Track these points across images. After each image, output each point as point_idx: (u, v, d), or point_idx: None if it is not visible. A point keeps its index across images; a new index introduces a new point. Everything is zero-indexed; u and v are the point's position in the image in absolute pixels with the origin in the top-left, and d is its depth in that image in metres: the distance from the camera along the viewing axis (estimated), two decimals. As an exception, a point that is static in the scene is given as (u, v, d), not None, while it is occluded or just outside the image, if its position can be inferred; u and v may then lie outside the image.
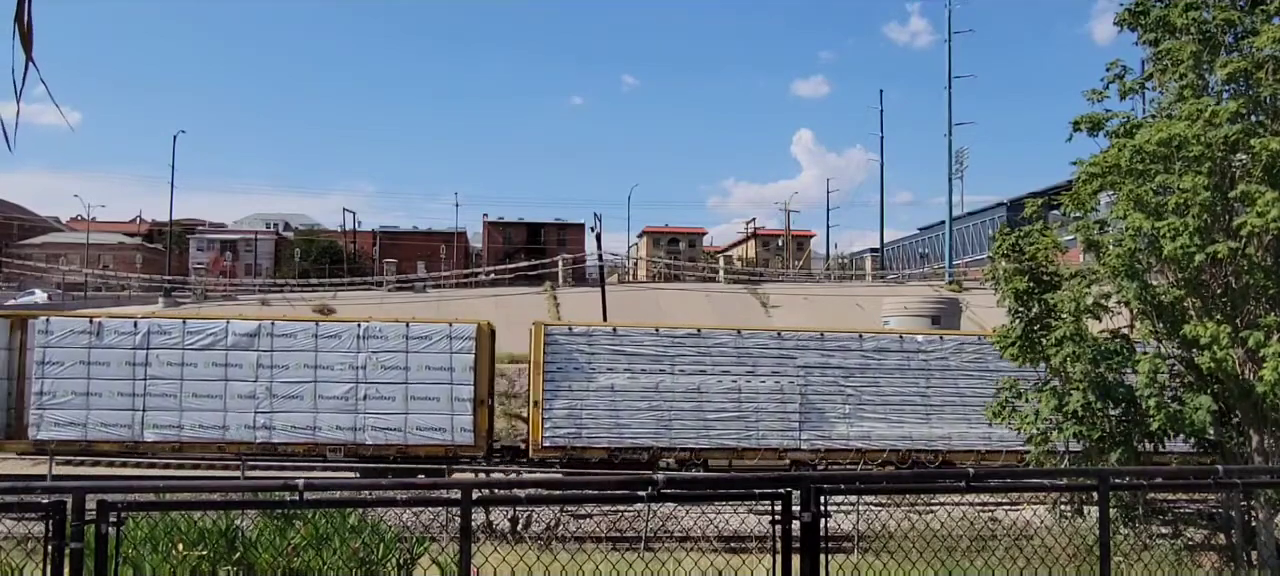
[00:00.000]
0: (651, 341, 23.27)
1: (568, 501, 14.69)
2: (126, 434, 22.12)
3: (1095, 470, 10.48)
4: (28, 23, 3.20)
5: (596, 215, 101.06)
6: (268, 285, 65.68)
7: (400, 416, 22.39)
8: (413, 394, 22.45)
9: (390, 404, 22.44)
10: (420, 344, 22.50)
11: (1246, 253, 12.10)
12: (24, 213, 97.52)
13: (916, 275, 69.35)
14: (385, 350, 22.51)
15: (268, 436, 22.25)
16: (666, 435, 22.87)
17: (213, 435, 22.21)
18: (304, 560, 9.25)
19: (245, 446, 22.15)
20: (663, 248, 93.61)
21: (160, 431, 22.09)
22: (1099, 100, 13.94)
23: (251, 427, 22.19)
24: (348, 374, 22.47)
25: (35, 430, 22.08)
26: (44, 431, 22.02)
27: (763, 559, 6.26)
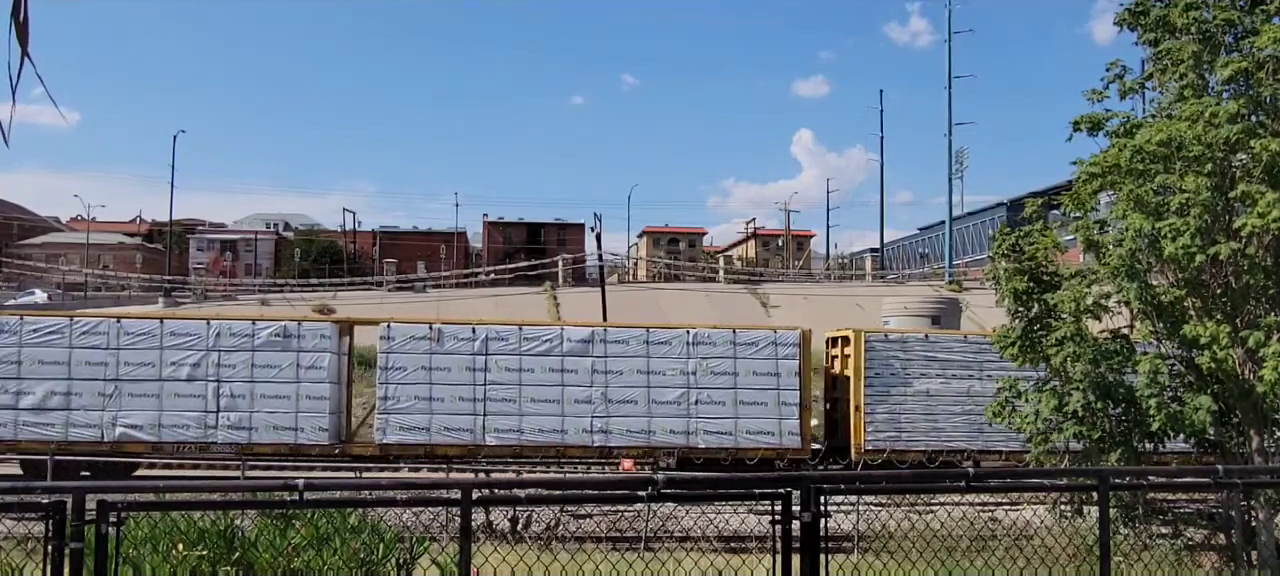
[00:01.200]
0: (960, 348, 24.09)
1: (568, 501, 14.69)
2: (469, 438, 22.56)
3: (1095, 470, 10.48)
4: (24, 18, 3.20)
5: (596, 215, 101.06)
6: (268, 285, 65.70)
7: (730, 420, 22.84)
8: (741, 399, 22.90)
9: (720, 408, 22.90)
10: (747, 350, 22.94)
11: (1247, 253, 12.11)
12: (24, 213, 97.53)
13: (916, 275, 69.37)
14: (714, 356, 22.99)
15: (604, 439, 22.65)
16: (980, 438, 23.48)
17: (551, 438, 22.62)
18: (304, 560, 9.24)
19: (581, 450, 22.59)
20: (663, 248, 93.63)
21: (500, 435, 22.51)
22: (1099, 100, 13.95)
23: (588, 432, 22.60)
24: (679, 379, 22.88)
25: (381, 434, 22.55)
26: (390, 435, 22.44)
27: (763, 559, 6.26)
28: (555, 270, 60.69)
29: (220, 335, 22.47)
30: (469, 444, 22.47)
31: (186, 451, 22.35)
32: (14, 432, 21.83)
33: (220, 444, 22.19)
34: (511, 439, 22.48)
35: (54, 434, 21.85)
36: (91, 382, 22.02)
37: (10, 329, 22.11)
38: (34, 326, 22.26)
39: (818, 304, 49.33)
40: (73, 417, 21.94)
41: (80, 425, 21.95)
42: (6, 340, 22.01)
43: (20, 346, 21.97)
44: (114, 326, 22.42)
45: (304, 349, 22.53)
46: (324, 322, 24.11)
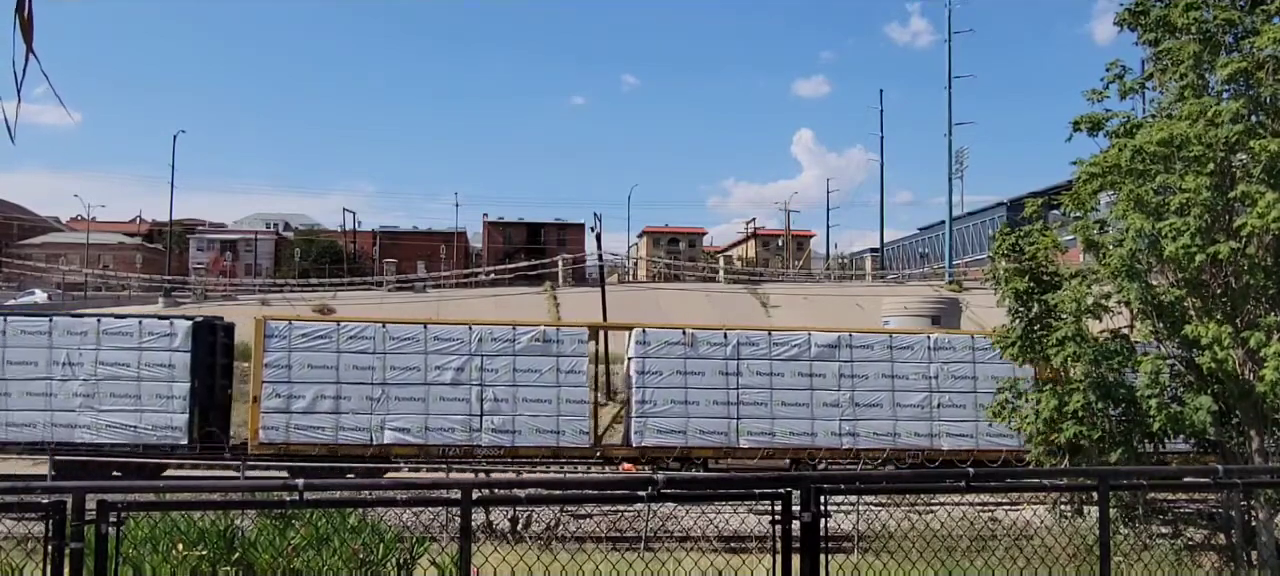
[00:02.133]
0: None
1: (568, 501, 14.69)
2: (722, 440, 22.77)
3: (1095, 470, 10.49)
4: (28, 15, 3.20)
5: (596, 215, 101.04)
6: (268, 285, 65.73)
7: (971, 423, 23.02)
8: (980, 403, 22.82)
9: (961, 411, 23.13)
10: (985, 354, 22.88)
11: (1247, 253, 12.11)
12: (24, 213, 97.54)
13: (916, 275, 69.39)
14: (954, 361, 23.27)
15: (852, 442, 22.88)
16: None
17: (802, 441, 22.86)
18: (304, 560, 9.25)
19: (829, 452, 22.83)
20: (663, 248, 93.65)
21: (753, 438, 22.76)
22: (1099, 100, 13.96)
23: (836, 435, 22.86)
24: (921, 383, 23.15)
25: (639, 437, 22.74)
26: (648, 438, 22.62)
27: (763, 559, 6.26)
28: (555, 270, 60.70)
29: (482, 340, 22.70)
30: (722, 446, 22.87)
31: (452, 454, 22.56)
32: (285, 435, 22.17)
33: (485, 447, 22.42)
34: (764, 442, 22.85)
35: (324, 437, 22.21)
36: (359, 387, 22.34)
37: (280, 333, 22.43)
38: (303, 331, 22.61)
39: (818, 304, 49.35)
40: (342, 421, 22.30)
41: (349, 428, 22.27)
42: (276, 344, 22.33)
43: (289, 350, 22.32)
44: (380, 331, 22.71)
45: (563, 353, 22.87)
46: (580, 327, 24.60)
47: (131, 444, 22.05)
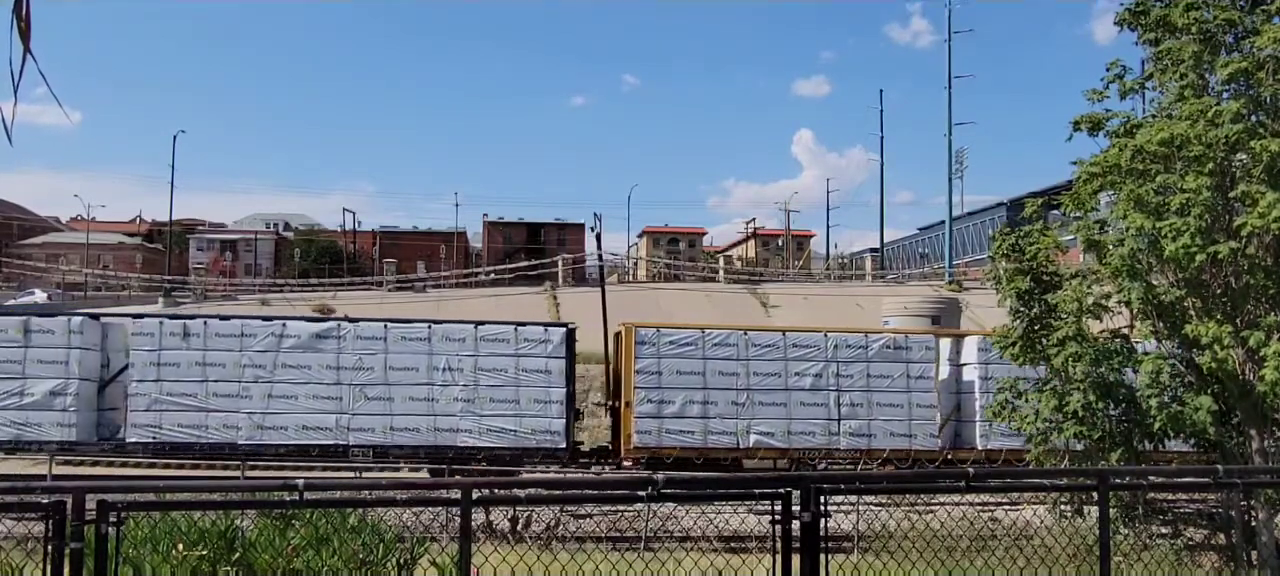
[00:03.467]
0: None
1: (567, 501, 14.69)
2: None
3: (1095, 470, 10.49)
4: (26, 15, 3.20)
5: (596, 215, 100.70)
6: (268, 285, 65.71)
7: None
8: None
9: None
10: None
11: (1247, 253, 12.11)
12: (24, 213, 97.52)
13: (916, 275, 69.36)
14: None
15: None
16: None
17: None
18: (304, 560, 9.24)
19: None
20: (663, 248, 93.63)
21: None
22: (1099, 100, 13.95)
23: None
24: None
25: (984, 441, 23.23)
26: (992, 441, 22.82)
27: (763, 559, 6.26)
28: (555, 270, 60.70)
29: (837, 347, 23.50)
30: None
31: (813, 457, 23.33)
32: (658, 439, 22.86)
33: (843, 450, 23.13)
34: None
35: (693, 441, 22.83)
36: (725, 392, 23.02)
37: (650, 341, 23.22)
38: (671, 338, 23.38)
39: (817, 304, 49.34)
40: (710, 426, 22.97)
41: (717, 432, 22.93)
42: (647, 352, 23.06)
43: (659, 357, 23.04)
44: (742, 338, 23.58)
45: (912, 360, 23.54)
46: (928, 335, 25.16)
47: (511, 448, 22.54)
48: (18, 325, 21.85)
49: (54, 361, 21.57)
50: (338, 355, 22.17)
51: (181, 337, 22.00)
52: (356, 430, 22.06)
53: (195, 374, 21.84)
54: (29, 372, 21.48)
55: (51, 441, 21.51)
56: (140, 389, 21.91)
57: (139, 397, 21.89)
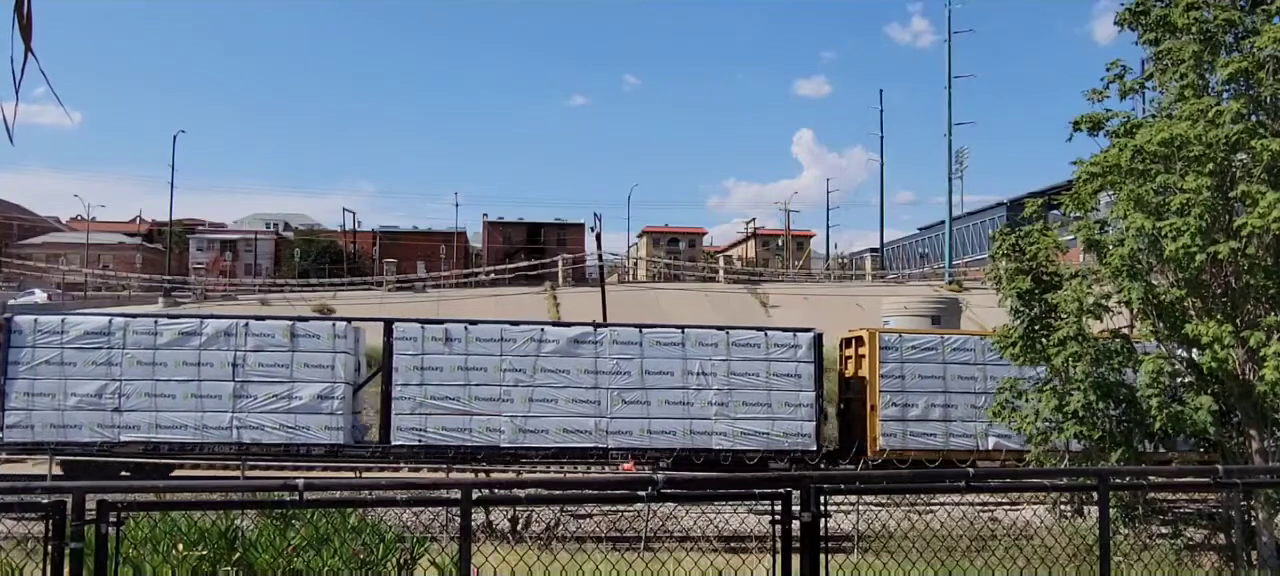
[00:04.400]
0: None
1: (567, 501, 14.68)
2: None
3: (1095, 470, 10.48)
4: (27, 14, 3.20)
5: (596, 215, 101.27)
6: (268, 285, 65.71)
7: None
8: None
9: None
10: None
11: (1247, 253, 12.10)
12: (24, 213, 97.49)
13: (916, 275, 69.36)
14: None
15: None
16: None
17: None
18: (304, 560, 9.25)
19: None
20: (663, 248, 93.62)
21: None
22: (1099, 100, 13.97)
23: None
24: None
25: None
26: None
27: (763, 559, 6.25)
28: (555, 270, 60.69)
29: None
30: None
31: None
32: (902, 442, 23.29)
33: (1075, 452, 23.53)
34: None
35: (935, 443, 23.32)
36: (964, 396, 23.52)
37: (892, 345, 23.60)
38: (913, 343, 23.81)
39: (817, 304, 49.32)
40: (951, 429, 23.46)
41: (958, 435, 23.41)
42: (890, 356, 23.52)
43: (902, 362, 23.51)
44: (979, 343, 23.65)
45: None
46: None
47: (763, 450, 22.85)
48: (285, 329, 22.32)
49: (320, 365, 22.02)
50: (595, 359, 22.64)
51: (443, 342, 22.45)
52: (615, 432, 22.52)
53: (457, 378, 22.22)
54: (297, 376, 21.96)
55: (320, 444, 21.96)
56: (405, 393, 22.28)
57: (403, 401, 22.26)
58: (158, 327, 22.13)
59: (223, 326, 22.07)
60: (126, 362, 21.77)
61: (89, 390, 21.63)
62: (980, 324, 34.98)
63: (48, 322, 22.20)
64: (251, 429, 21.75)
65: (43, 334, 21.81)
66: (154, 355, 21.87)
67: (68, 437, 21.52)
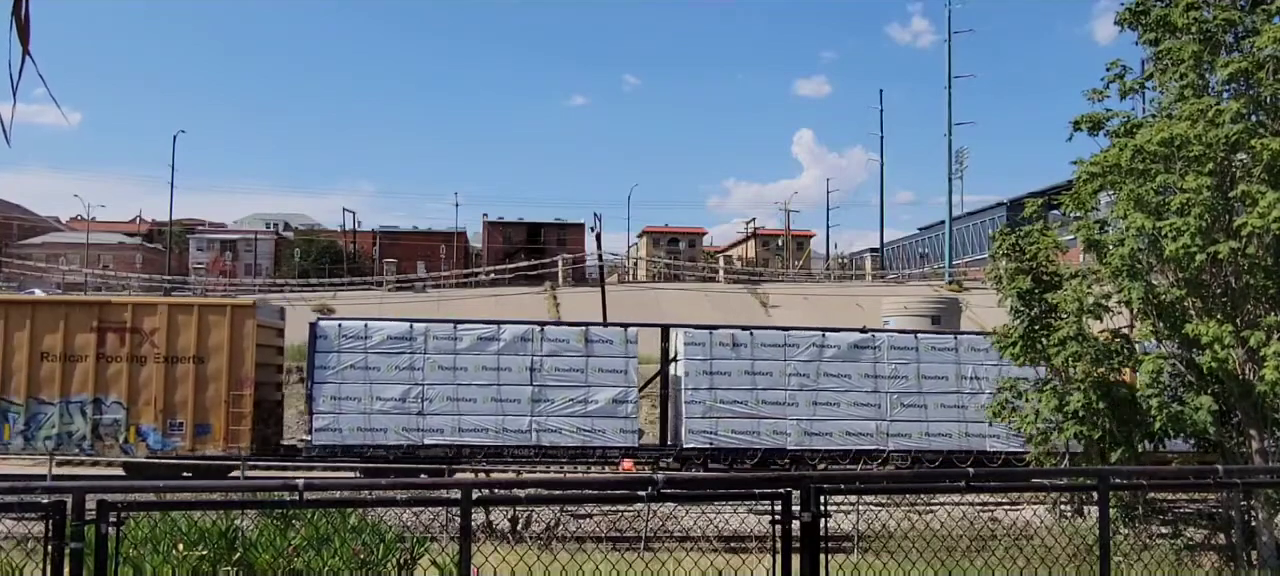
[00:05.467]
0: None
1: (568, 501, 14.68)
2: None
3: (1095, 470, 10.48)
4: (25, 16, 3.19)
5: (596, 215, 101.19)
6: (268, 285, 65.72)
7: None
8: None
9: None
10: None
11: (1247, 253, 12.10)
12: (24, 213, 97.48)
13: (916, 275, 69.36)
14: None
15: None
16: None
17: None
18: (304, 560, 9.25)
19: None
20: (663, 247, 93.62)
21: None
22: (1099, 100, 13.96)
23: None
24: None
25: None
26: None
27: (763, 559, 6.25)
28: (555, 270, 60.71)
29: None
30: None
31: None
32: None
33: None
34: None
35: None
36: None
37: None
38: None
39: (817, 304, 49.34)
40: None
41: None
42: None
43: None
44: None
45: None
46: None
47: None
48: (579, 335, 22.72)
49: (613, 370, 22.43)
50: (874, 364, 22.90)
51: (731, 348, 22.78)
52: (895, 436, 22.77)
53: (745, 382, 22.50)
54: (591, 381, 22.31)
55: (615, 447, 22.24)
56: (695, 397, 22.59)
57: (695, 405, 22.57)
58: (457, 332, 22.52)
59: (520, 332, 22.66)
60: (428, 367, 22.16)
61: (393, 394, 21.98)
62: (980, 323, 34.98)
63: (351, 328, 22.58)
64: (550, 432, 22.19)
65: (347, 339, 22.20)
66: (454, 360, 22.26)
67: (375, 441, 21.95)
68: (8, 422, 21.47)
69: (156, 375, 21.60)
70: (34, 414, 21.40)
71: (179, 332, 21.77)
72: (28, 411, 21.34)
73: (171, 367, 21.67)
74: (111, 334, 21.65)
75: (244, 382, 21.75)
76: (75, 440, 21.48)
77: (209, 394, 21.63)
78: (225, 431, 21.53)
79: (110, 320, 21.70)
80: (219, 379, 21.68)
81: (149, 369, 21.63)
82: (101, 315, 21.73)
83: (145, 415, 21.56)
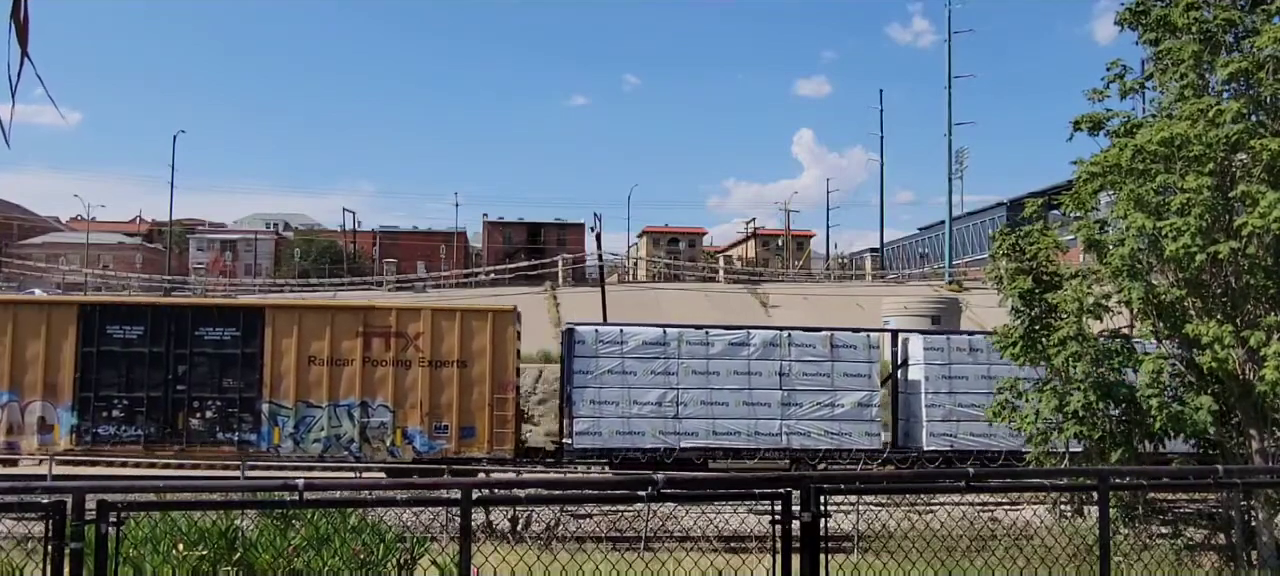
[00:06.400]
0: None
1: (568, 501, 14.68)
2: None
3: (1095, 470, 10.49)
4: (24, 18, 3.19)
5: (596, 215, 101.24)
6: (268, 285, 65.74)
7: None
8: None
9: None
10: None
11: (1247, 253, 12.10)
12: (24, 213, 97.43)
13: (916, 275, 69.35)
14: None
15: None
16: None
17: None
18: (304, 560, 9.24)
19: None
20: (663, 248, 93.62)
21: None
22: (1099, 100, 13.96)
23: None
24: None
25: None
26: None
27: (763, 559, 6.25)
28: (555, 270, 60.72)
29: None
30: None
31: None
32: None
33: None
34: None
35: None
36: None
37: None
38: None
39: (817, 304, 49.32)
40: None
41: None
42: None
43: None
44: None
45: None
46: None
47: None
48: (825, 340, 23.03)
49: (858, 375, 22.71)
50: None
51: (968, 353, 23.02)
52: None
53: (982, 387, 22.53)
54: (837, 385, 22.61)
55: (861, 449, 22.52)
56: (935, 400, 22.83)
57: (935, 409, 22.81)
58: (709, 338, 22.89)
59: (768, 337, 23.03)
60: (682, 372, 22.54)
61: (650, 398, 22.38)
62: (980, 323, 34.99)
63: (608, 332, 23.07)
64: (799, 435, 22.50)
65: (604, 344, 22.66)
66: (707, 365, 22.63)
67: (633, 444, 22.32)
68: (278, 426, 21.79)
69: (422, 379, 21.98)
70: (303, 417, 21.73)
71: (442, 337, 22.18)
72: (297, 415, 21.68)
73: (436, 371, 22.07)
74: (377, 338, 22.00)
75: (507, 386, 22.23)
76: (343, 443, 21.84)
77: (473, 397, 22.09)
78: (489, 434, 22.01)
79: (375, 325, 22.07)
80: (483, 382, 22.12)
81: (414, 372, 22.02)
82: (367, 320, 22.11)
83: (411, 418, 21.99)
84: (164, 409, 21.55)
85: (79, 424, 21.44)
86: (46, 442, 21.42)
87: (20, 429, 21.44)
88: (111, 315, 21.81)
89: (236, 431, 21.63)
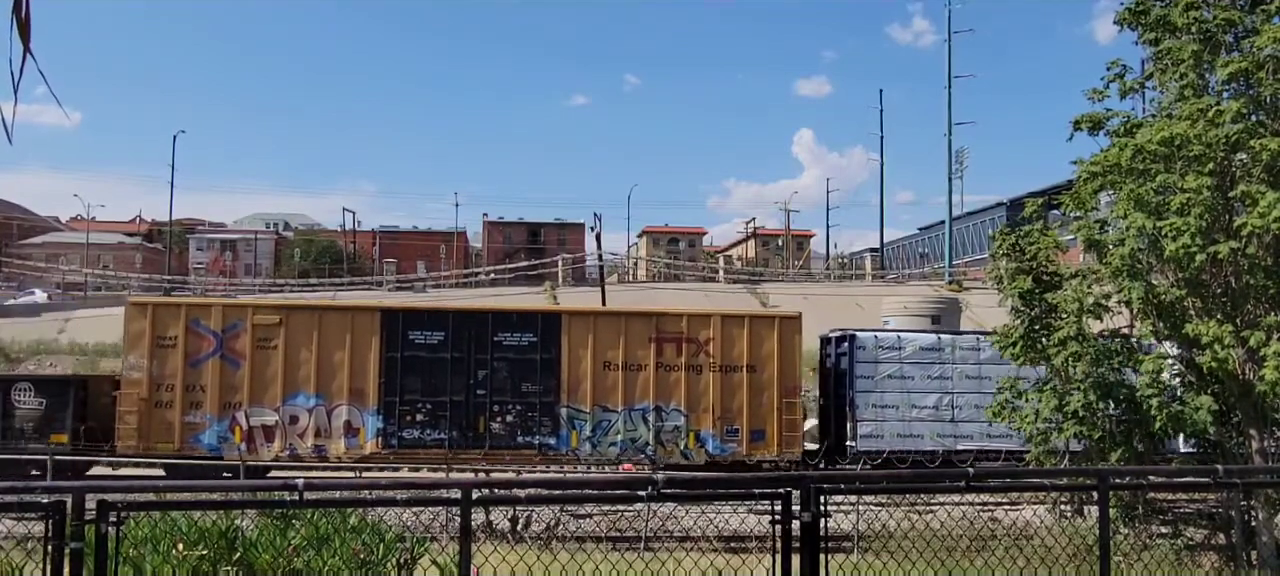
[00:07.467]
0: None
1: (568, 501, 14.68)
2: None
3: (1095, 470, 10.48)
4: (26, 16, 3.19)
5: (596, 215, 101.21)
6: (268, 285, 65.72)
7: None
8: None
9: None
10: None
11: (1247, 253, 12.10)
12: (24, 213, 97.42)
13: (916, 275, 69.36)
14: None
15: None
16: None
17: None
18: (304, 560, 9.25)
19: None
20: (662, 247, 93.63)
21: None
22: (1099, 99, 13.94)
23: None
24: None
25: None
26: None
27: (763, 559, 6.25)
28: (555, 270, 60.74)
29: None
30: None
31: None
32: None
33: None
34: None
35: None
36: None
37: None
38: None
39: (817, 303, 49.30)
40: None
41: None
42: None
43: None
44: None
45: None
46: None
47: None
48: None
49: None
50: None
51: None
52: None
53: None
54: None
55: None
56: None
57: None
58: (979, 344, 23.20)
59: None
60: (956, 377, 23.06)
61: (928, 403, 22.96)
62: (980, 323, 34.97)
63: (887, 339, 23.72)
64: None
65: (883, 350, 23.26)
66: (979, 370, 23.04)
67: (914, 446, 22.87)
68: (576, 430, 22.15)
69: (713, 383, 22.42)
70: (599, 421, 22.14)
71: (732, 343, 22.61)
72: (593, 419, 22.08)
73: (726, 376, 22.49)
74: (669, 344, 22.43)
75: (794, 390, 22.71)
76: (638, 446, 22.21)
77: (763, 401, 22.50)
78: (779, 437, 22.44)
79: (667, 331, 22.52)
80: (771, 387, 22.56)
81: (705, 377, 22.44)
82: (659, 326, 22.54)
83: (704, 421, 22.39)
84: (466, 413, 21.90)
85: (385, 427, 21.68)
86: (353, 446, 21.63)
87: (327, 432, 21.62)
88: (413, 321, 22.15)
89: (536, 435, 22.04)
